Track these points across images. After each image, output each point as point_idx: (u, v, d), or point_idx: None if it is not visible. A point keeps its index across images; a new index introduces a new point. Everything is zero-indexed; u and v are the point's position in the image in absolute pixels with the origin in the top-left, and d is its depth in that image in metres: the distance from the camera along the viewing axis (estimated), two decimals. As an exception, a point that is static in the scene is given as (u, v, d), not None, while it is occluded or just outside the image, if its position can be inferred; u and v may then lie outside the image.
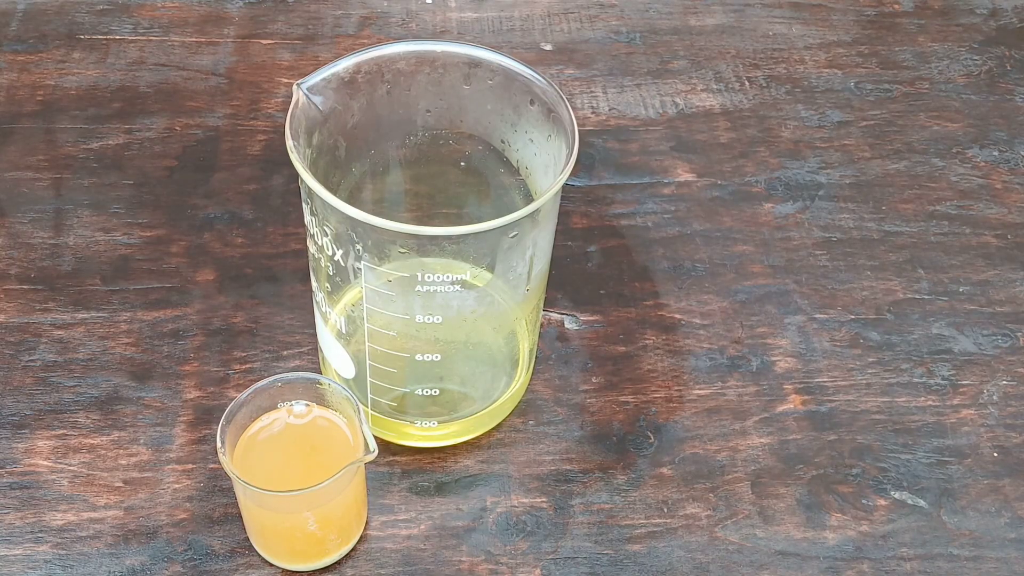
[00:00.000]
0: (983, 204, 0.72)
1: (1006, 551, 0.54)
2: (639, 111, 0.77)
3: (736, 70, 0.80)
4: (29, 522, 0.53)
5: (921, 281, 0.67)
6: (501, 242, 0.49)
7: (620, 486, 0.56)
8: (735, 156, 0.74)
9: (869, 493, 0.56)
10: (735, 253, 0.68)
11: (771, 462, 0.57)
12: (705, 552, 0.54)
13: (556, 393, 0.60)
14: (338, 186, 0.53)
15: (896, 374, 0.62)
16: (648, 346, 0.62)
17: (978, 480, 0.57)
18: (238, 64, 0.78)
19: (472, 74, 0.52)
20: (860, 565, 0.54)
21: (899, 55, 0.82)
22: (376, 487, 0.55)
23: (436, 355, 0.52)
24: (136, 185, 0.70)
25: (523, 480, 0.56)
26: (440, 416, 0.55)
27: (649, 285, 0.66)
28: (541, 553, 0.53)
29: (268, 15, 0.82)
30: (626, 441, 0.58)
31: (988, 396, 0.61)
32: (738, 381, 0.61)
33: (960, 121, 0.77)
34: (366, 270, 0.48)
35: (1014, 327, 0.64)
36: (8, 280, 0.63)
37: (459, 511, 0.55)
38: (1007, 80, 0.81)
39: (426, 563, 0.53)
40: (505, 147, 0.54)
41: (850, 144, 0.75)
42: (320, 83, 0.49)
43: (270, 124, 0.73)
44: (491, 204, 0.56)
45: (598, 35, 0.83)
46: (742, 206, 0.71)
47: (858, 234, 0.69)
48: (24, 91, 0.75)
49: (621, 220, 0.69)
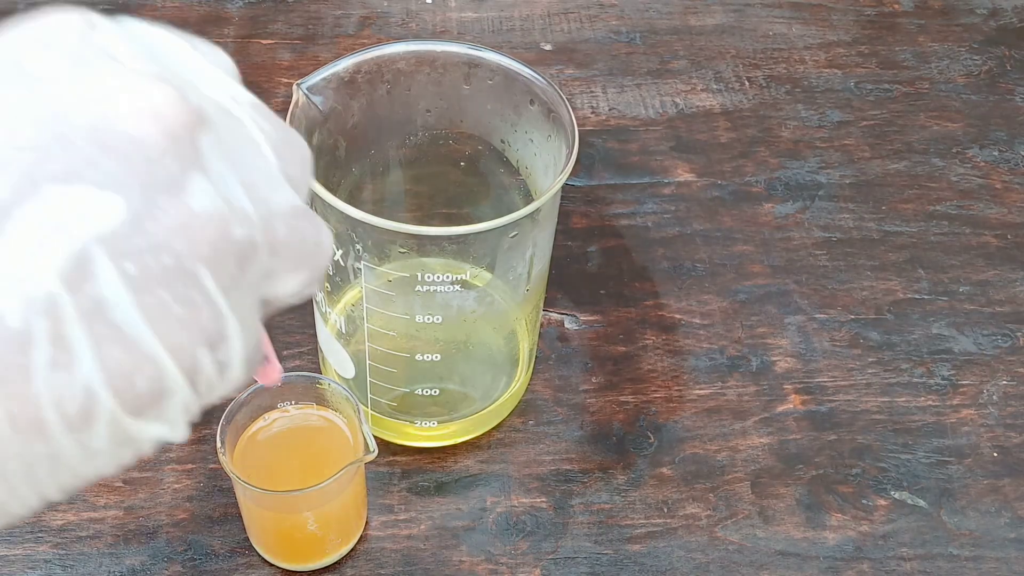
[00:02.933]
0: (983, 204, 0.72)
1: (1006, 551, 0.54)
2: (639, 111, 0.77)
3: (736, 70, 0.80)
4: (29, 522, 0.53)
5: (921, 281, 0.67)
6: (501, 242, 0.49)
7: (620, 486, 0.56)
8: (735, 156, 0.74)
9: (869, 493, 0.56)
10: (735, 253, 0.68)
11: (771, 462, 0.57)
12: (705, 552, 0.54)
13: (556, 393, 0.60)
14: (338, 186, 0.53)
15: (896, 374, 0.62)
16: (648, 346, 0.62)
17: (978, 480, 0.57)
18: (238, 64, 0.77)
19: (472, 74, 0.52)
20: (860, 565, 0.54)
21: (899, 55, 0.82)
22: (376, 487, 0.55)
23: (436, 355, 0.52)
24: (136, 185, 0.69)
25: (523, 480, 0.56)
26: (440, 416, 0.55)
27: (649, 285, 0.66)
28: (541, 553, 0.53)
29: (268, 15, 0.82)
30: (626, 441, 0.58)
31: (988, 396, 0.61)
32: (738, 381, 0.61)
33: (960, 121, 0.77)
34: (366, 270, 0.48)
35: (1014, 327, 0.64)
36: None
37: (459, 511, 0.55)
38: (1007, 80, 0.81)
39: (426, 563, 0.53)
40: (505, 147, 0.54)
41: (850, 144, 0.75)
42: (320, 83, 0.49)
43: (270, 124, 0.73)
44: (491, 204, 0.56)
45: (598, 35, 0.83)
46: (742, 206, 0.71)
47: (858, 234, 0.69)
48: (24, 91, 0.75)
49: (621, 220, 0.69)
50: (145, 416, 0.23)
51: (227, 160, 0.24)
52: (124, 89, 0.23)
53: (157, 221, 0.22)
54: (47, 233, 0.21)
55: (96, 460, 0.23)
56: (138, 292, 0.22)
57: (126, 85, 0.23)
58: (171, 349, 0.23)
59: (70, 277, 0.21)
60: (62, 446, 0.22)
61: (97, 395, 0.22)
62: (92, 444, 0.23)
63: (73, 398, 0.22)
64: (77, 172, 0.22)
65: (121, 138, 0.22)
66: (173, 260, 0.23)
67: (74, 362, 0.22)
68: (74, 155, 0.22)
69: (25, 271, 0.21)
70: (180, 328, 0.23)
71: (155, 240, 0.22)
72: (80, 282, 0.21)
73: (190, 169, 0.23)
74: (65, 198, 0.21)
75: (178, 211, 0.23)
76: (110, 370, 0.22)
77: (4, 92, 0.22)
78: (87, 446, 0.23)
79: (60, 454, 0.22)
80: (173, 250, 0.23)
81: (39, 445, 0.22)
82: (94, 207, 0.22)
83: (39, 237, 0.21)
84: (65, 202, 0.21)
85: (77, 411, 0.22)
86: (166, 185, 0.23)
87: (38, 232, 0.21)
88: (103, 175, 0.22)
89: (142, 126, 0.23)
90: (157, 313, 0.22)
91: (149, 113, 0.23)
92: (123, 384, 0.22)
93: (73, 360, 0.22)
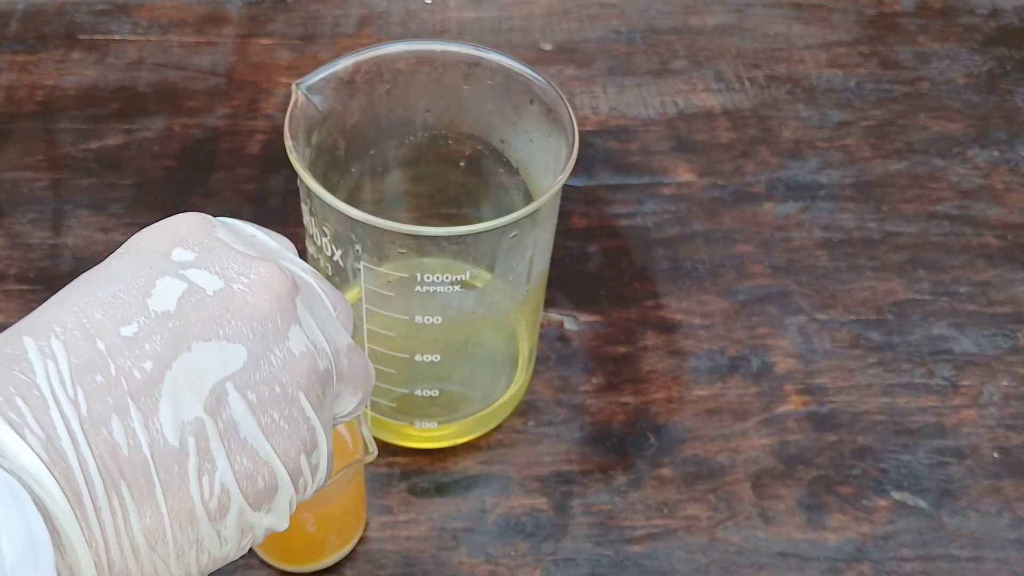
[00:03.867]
0: (984, 204, 0.72)
1: (1006, 552, 0.54)
2: (639, 111, 0.77)
3: (736, 70, 0.80)
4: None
5: (922, 281, 0.67)
6: (501, 242, 0.48)
7: (620, 487, 0.56)
8: (735, 156, 0.74)
9: (870, 494, 0.56)
10: (735, 253, 0.68)
11: (772, 463, 0.57)
12: (705, 553, 0.54)
13: (556, 394, 0.60)
14: (337, 186, 0.52)
15: (897, 375, 0.62)
16: (648, 347, 0.62)
17: (979, 481, 0.57)
18: (237, 64, 0.78)
19: (472, 74, 0.52)
20: (861, 566, 0.53)
21: (899, 55, 0.82)
22: (376, 488, 0.55)
23: (436, 356, 0.52)
24: (135, 185, 0.69)
25: (523, 481, 0.56)
26: (440, 417, 0.55)
27: (649, 285, 0.66)
28: (541, 554, 0.53)
29: (267, 15, 0.82)
30: (626, 442, 0.58)
31: (988, 396, 0.61)
32: (738, 382, 0.61)
33: (960, 121, 0.77)
34: (365, 271, 0.48)
35: (1014, 327, 0.64)
36: (7, 280, 0.63)
37: (459, 512, 0.55)
38: (1007, 80, 0.81)
39: (426, 564, 0.52)
40: (505, 147, 0.53)
41: (851, 144, 0.75)
42: (319, 83, 0.49)
43: (269, 124, 0.73)
44: (491, 204, 0.56)
45: (598, 35, 0.83)
46: (742, 206, 0.71)
47: (859, 234, 0.69)
48: (23, 91, 0.75)
49: (621, 220, 0.69)
50: (262, 509, 0.31)
51: (310, 313, 0.33)
52: (241, 269, 0.31)
53: (269, 362, 0.30)
54: (195, 376, 0.29)
55: (226, 546, 0.30)
56: (258, 414, 0.30)
57: (243, 266, 0.31)
58: (282, 456, 0.31)
59: (211, 406, 0.29)
60: (204, 534, 0.29)
61: (231, 492, 0.29)
62: (224, 532, 0.30)
63: (214, 496, 0.29)
64: (213, 330, 0.30)
65: (243, 304, 0.31)
66: (281, 389, 0.31)
67: (216, 469, 0.29)
68: (209, 319, 0.30)
69: (180, 405, 0.29)
70: (287, 440, 0.31)
71: (268, 375, 0.30)
72: (218, 409, 0.29)
73: (290, 322, 0.31)
74: (206, 349, 0.29)
75: (283, 353, 0.31)
76: (239, 473, 0.30)
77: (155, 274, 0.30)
78: (220, 533, 0.30)
79: (202, 540, 0.29)
80: (280, 382, 0.31)
81: (190, 533, 0.29)
82: (225, 355, 0.30)
83: (190, 379, 0.29)
84: (206, 352, 0.29)
85: (216, 506, 0.29)
86: (275, 336, 0.31)
87: (189, 375, 0.29)
88: (231, 331, 0.30)
89: (256, 294, 0.31)
90: (271, 429, 0.30)
91: (261, 285, 0.31)
92: (248, 484, 0.30)
93: (215, 467, 0.29)
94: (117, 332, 0.29)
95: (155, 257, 0.31)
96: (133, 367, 0.28)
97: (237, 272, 0.31)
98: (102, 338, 0.29)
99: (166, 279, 0.30)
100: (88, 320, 0.29)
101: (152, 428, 0.28)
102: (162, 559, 0.29)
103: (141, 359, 0.29)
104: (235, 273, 0.31)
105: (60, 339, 0.28)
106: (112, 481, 0.27)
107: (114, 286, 0.30)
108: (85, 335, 0.29)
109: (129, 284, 0.30)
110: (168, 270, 0.31)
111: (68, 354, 0.28)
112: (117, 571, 0.28)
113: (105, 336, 0.29)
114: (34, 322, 0.29)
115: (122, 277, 0.30)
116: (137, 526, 0.28)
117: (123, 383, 0.28)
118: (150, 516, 0.28)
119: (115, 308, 0.29)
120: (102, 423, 0.28)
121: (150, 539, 0.28)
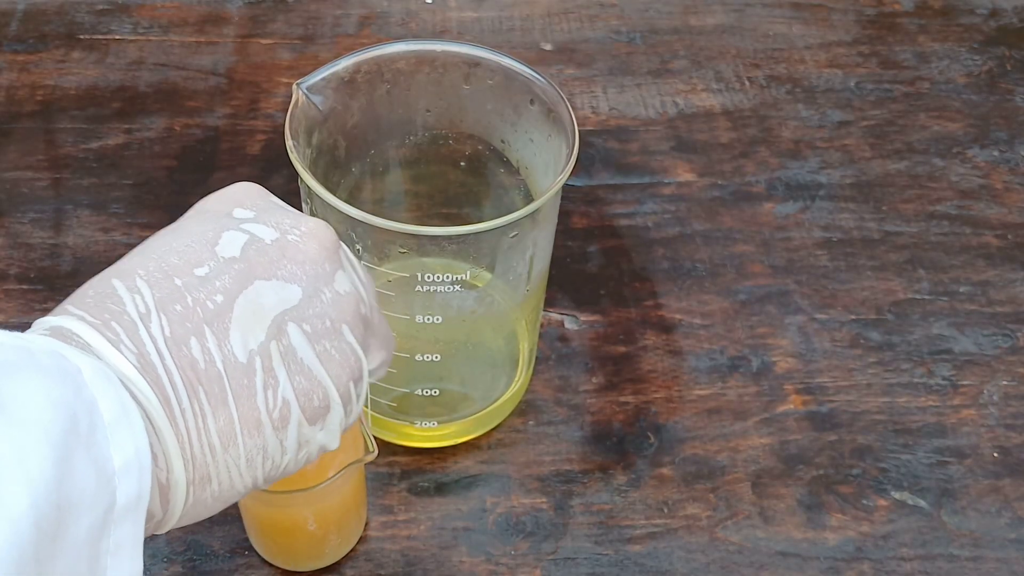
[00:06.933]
0: (983, 204, 0.72)
1: (1006, 551, 0.54)
2: (639, 111, 0.77)
3: (736, 70, 0.80)
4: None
5: (922, 281, 0.67)
6: (501, 242, 0.49)
7: (620, 486, 0.56)
8: (735, 156, 0.74)
9: (869, 493, 0.56)
10: (735, 253, 0.68)
11: (771, 462, 0.57)
12: (705, 553, 0.54)
13: (556, 393, 0.60)
14: (338, 186, 0.53)
15: (896, 374, 0.62)
16: (648, 346, 0.62)
17: (978, 480, 0.57)
18: (238, 64, 0.78)
19: (472, 74, 0.52)
20: (860, 565, 0.53)
21: (899, 55, 0.82)
22: (376, 487, 0.55)
23: (436, 355, 0.52)
24: (136, 185, 0.69)
25: (523, 480, 0.56)
26: (440, 416, 0.55)
27: (649, 285, 0.66)
28: (541, 554, 0.53)
29: (268, 15, 0.82)
30: (626, 441, 0.58)
31: (988, 396, 0.61)
32: (738, 381, 0.61)
33: (960, 121, 0.77)
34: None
35: (1014, 327, 0.64)
36: (8, 280, 0.63)
37: (459, 511, 0.55)
38: (1007, 80, 0.81)
39: (426, 564, 0.53)
40: (505, 147, 0.54)
41: (850, 144, 0.75)
42: (320, 83, 0.49)
43: (270, 124, 0.73)
44: (491, 204, 0.56)
45: (598, 35, 0.83)
46: (742, 206, 0.71)
47: (859, 234, 0.69)
48: (24, 91, 0.75)
49: (621, 220, 0.69)
50: (317, 425, 0.35)
51: (350, 263, 0.38)
52: (294, 223, 0.37)
53: (320, 299, 0.36)
54: (259, 308, 0.34)
55: (286, 456, 0.35)
56: (312, 342, 0.35)
57: (295, 220, 0.37)
58: (334, 379, 0.36)
59: (273, 333, 0.34)
60: (269, 442, 0.34)
61: (291, 406, 0.34)
62: (286, 442, 0.35)
63: (276, 407, 0.34)
64: (272, 272, 0.35)
65: (296, 251, 0.36)
66: (331, 323, 0.36)
67: (278, 384, 0.34)
68: (269, 262, 0.35)
69: (247, 331, 0.34)
70: (338, 366, 0.36)
71: (320, 311, 0.36)
72: (279, 336, 0.34)
73: (336, 268, 0.37)
74: (266, 287, 0.35)
75: (331, 294, 0.36)
76: (298, 390, 0.35)
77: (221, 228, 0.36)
78: (283, 443, 0.34)
79: (267, 447, 0.34)
80: (331, 317, 0.36)
81: (257, 439, 0.34)
82: (283, 293, 0.35)
83: (255, 310, 0.34)
84: (266, 290, 0.35)
85: (279, 416, 0.34)
86: (324, 279, 0.36)
87: (254, 307, 0.34)
88: (287, 273, 0.35)
89: (307, 243, 0.36)
90: (324, 356, 0.35)
91: (310, 235, 0.36)
92: (305, 401, 0.35)
93: (278, 383, 0.34)
94: (191, 272, 0.34)
95: (220, 216, 0.36)
96: (207, 299, 0.33)
97: (290, 225, 0.36)
98: (179, 277, 0.34)
99: (231, 232, 0.35)
100: (166, 264, 0.34)
101: (224, 348, 0.33)
102: (234, 460, 0.33)
103: (213, 293, 0.34)
104: (288, 226, 0.36)
105: (144, 279, 0.33)
106: (192, 388, 0.32)
107: (186, 239, 0.35)
108: (164, 275, 0.34)
109: (199, 236, 0.35)
110: (231, 225, 0.36)
111: (151, 289, 0.33)
112: (198, 465, 0.33)
113: (182, 275, 0.34)
114: (119, 268, 0.34)
115: (192, 232, 0.35)
116: (213, 427, 0.33)
117: (198, 312, 0.33)
118: (224, 420, 0.33)
119: (188, 255, 0.34)
120: (183, 342, 0.33)
121: (223, 440, 0.33)
